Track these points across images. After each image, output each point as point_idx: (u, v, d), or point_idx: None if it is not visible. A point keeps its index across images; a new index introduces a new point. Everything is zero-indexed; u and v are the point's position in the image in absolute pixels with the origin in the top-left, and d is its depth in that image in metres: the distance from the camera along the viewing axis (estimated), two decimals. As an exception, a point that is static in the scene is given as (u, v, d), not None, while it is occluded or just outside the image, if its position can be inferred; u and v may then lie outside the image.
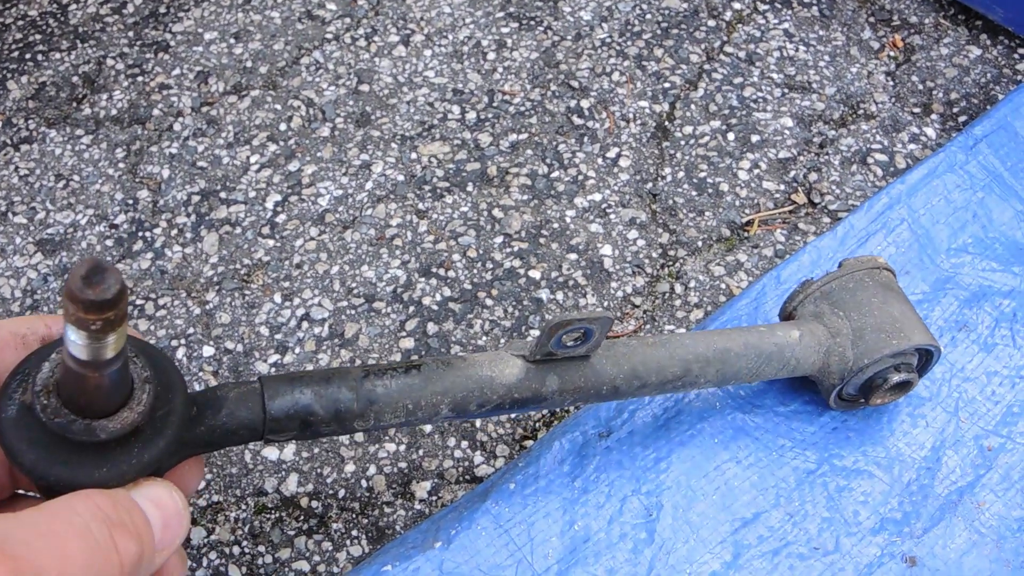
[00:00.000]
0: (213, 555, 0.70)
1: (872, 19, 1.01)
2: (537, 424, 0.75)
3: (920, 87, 0.95)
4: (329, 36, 1.04)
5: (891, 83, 0.96)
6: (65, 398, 0.37)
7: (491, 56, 1.00)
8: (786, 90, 0.95)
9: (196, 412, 0.44)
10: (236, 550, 0.71)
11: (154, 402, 0.39)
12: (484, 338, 0.80)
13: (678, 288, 0.81)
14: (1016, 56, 0.97)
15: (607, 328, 0.55)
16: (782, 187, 0.88)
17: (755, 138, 0.91)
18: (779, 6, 1.02)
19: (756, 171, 0.89)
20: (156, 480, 0.41)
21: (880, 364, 0.65)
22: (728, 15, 1.02)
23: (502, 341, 0.80)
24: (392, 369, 0.53)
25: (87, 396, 0.36)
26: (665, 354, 0.60)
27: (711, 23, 1.02)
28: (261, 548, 0.71)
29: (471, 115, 0.95)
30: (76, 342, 0.32)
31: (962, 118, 0.92)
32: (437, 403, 0.53)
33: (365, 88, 0.99)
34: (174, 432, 0.40)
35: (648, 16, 1.03)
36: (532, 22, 1.03)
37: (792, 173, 0.89)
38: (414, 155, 0.93)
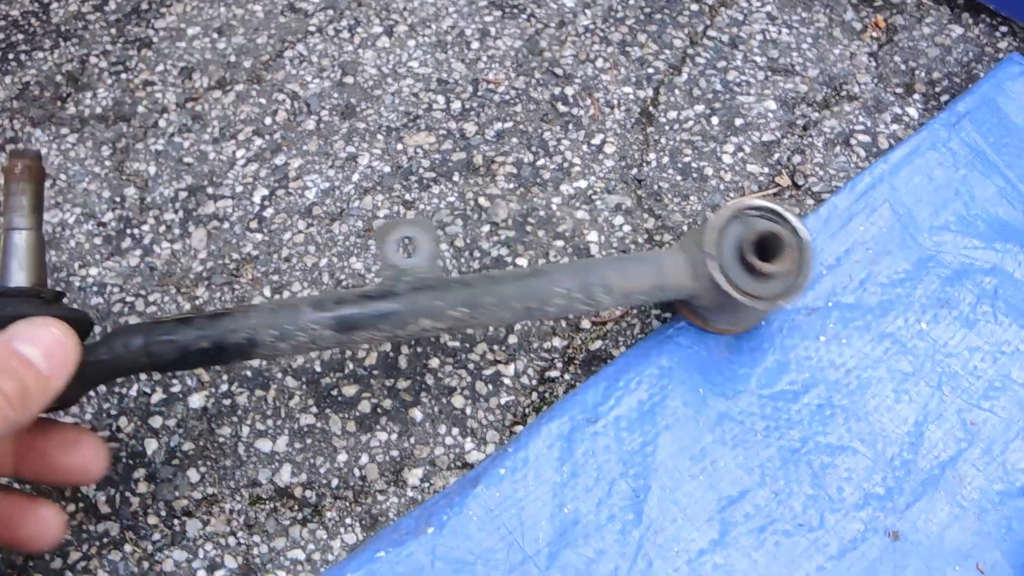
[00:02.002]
0: (209, 546, 0.71)
1: (854, 0, 1.02)
2: (527, 410, 0.75)
3: (902, 67, 0.95)
4: (312, 28, 1.04)
5: (874, 64, 0.96)
6: None
7: (475, 45, 1.01)
8: (769, 73, 0.96)
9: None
10: (232, 541, 0.72)
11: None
12: (471, 329, 0.80)
13: (663, 272, 0.82)
14: (998, 34, 0.97)
15: (431, 231, 0.66)
16: (766, 170, 0.88)
17: (739, 122, 0.92)
18: (761, -11, 1.03)
19: (740, 155, 0.89)
20: (31, 320, 0.53)
21: (734, 225, 0.68)
22: (710, -1, 1.03)
23: (490, 331, 0.80)
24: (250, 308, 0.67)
25: None
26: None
27: (694, 7, 1.02)
28: (256, 538, 0.72)
29: (456, 105, 0.96)
30: None
31: (944, 97, 0.93)
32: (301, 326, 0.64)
33: (349, 80, 0.99)
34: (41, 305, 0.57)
35: (631, 1, 1.03)
36: (515, 10, 1.03)
37: (776, 156, 0.89)
38: (400, 146, 0.93)
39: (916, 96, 0.93)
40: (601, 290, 0.66)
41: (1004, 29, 0.97)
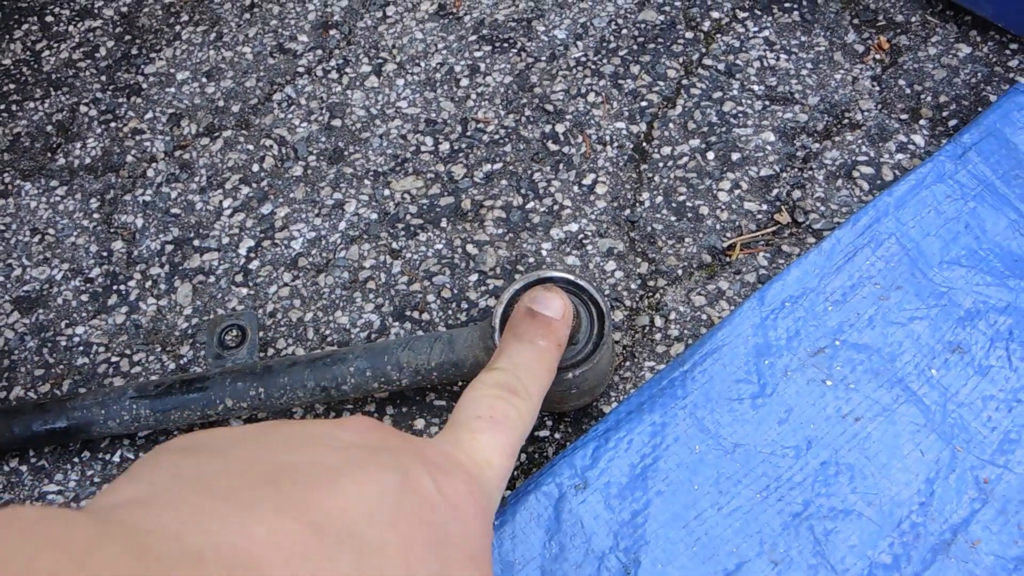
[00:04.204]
0: None
1: (856, 20, 0.98)
2: (515, 473, 0.73)
3: (908, 91, 0.91)
4: (301, 70, 1.02)
5: (877, 88, 0.92)
6: None
7: (464, 83, 0.98)
8: (767, 102, 0.92)
9: None
10: None
11: None
12: (461, 383, 0.78)
13: (658, 321, 0.79)
14: (1007, 52, 0.93)
15: (254, 324, 0.77)
16: (764, 207, 0.85)
17: (736, 156, 0.88)
18: (759, 12, 0.99)
19: (737, 191, 0.86)
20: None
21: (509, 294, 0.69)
22: (707, 25, 0.99)
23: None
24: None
25: None
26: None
27: (689, 35, 0.99)
28: None
29: (444, 146, 0.93)
30: None
31: (952, 122, 0.88)
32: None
33: (337, 123, 0.97)
34: None
35: (624, 31, 1.00)
36: (505, 44, 1.01)
37: (775, 191, 0.86)
38: (387, 191, 0.91)
39: (922, 122, 0.89)
40: (393, 369, 0.71)
41: (1014, 47, 0.92)
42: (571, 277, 0.70)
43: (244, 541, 0.29)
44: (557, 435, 0.74)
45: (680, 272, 0.82)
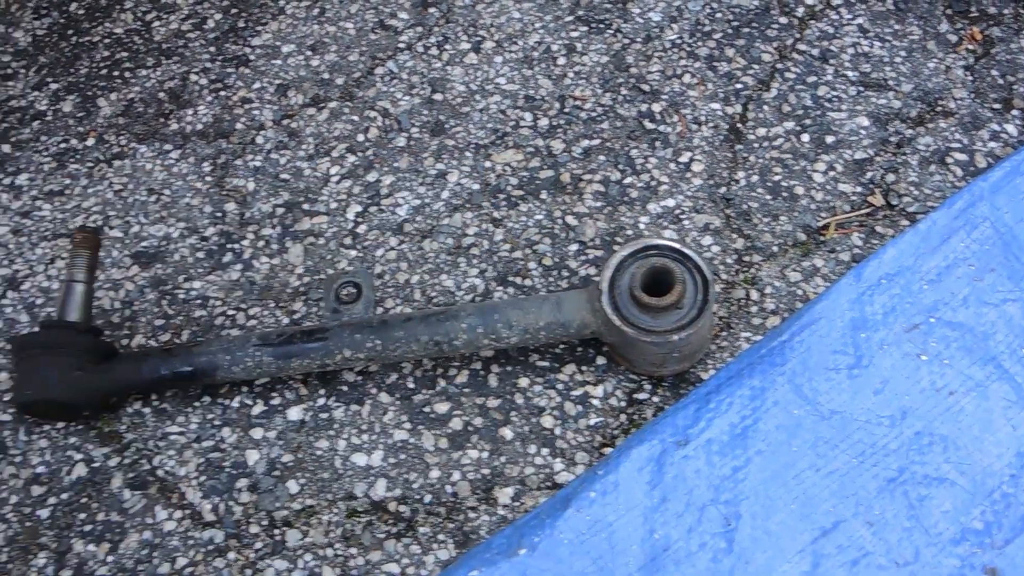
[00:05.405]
0: (308, 557, 0.74)
1: (949, 11, 0.99)
2: (615, 432, 0.76)
3: (1000, 81, 0.93)
4: (402, 45, 1.07)
5: (970, 78, 0.94)
6: None
7: (561, 61, 1.02)
8: (861, 88, 0.94)
9: None
10: (330, 552, 0.74)
11: None
12: (561, 345, 0.82)
13: (754, 294, 0.82)
14: (1104, 46, 0.94)
15: (369, 282, 0.80)
16: (859, 189, 0.87)
17: (830, 139, 0.91)
18: (852, 0, 1.01)
19: (831, 173, 0.88)
20: None
21: (624, 269, 0.72)
22: (800, 11, 1.01)
23: (578, 350, 0.81)
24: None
25: None
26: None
27: (783, 20, 1.01)
28: (353, 551, 0.74)
29: (543, 122, 0.97)
30: None
31: (1046, 112, 0.90)
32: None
33: (439, 97, 1.01)
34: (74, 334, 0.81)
35: (718, 15, 1.02)
36: (601, 25, 1.04)
37: (869, 174, 0.88)
38: (488, 163, 0.95)
39: (1015, 112, 0.90)
40: (503, 326, 0.76)
41: (1112, 41, 0.94)
42: (677, 245, 0.73)
43: None
44: (655, 398, 0.78)
45: (775, 249, 0.85)
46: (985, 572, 0.65)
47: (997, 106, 0.91)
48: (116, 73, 1.10)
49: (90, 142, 1.04)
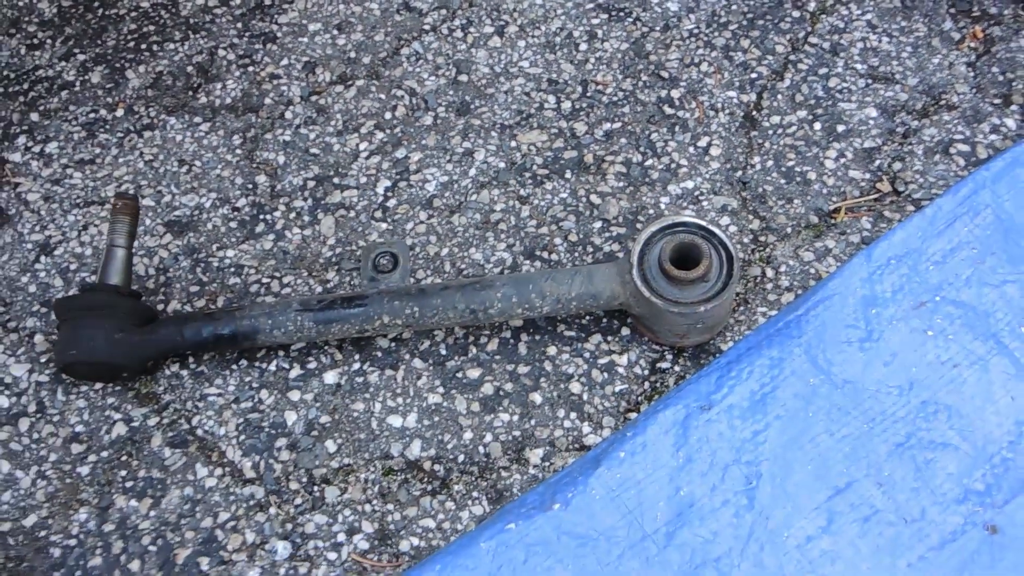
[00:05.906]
0: (347, 512, 0.78)
1: (952, 10, 1.05)
2: (639, 399, 0.81)
3: (1000, 78, 0.98)
4: (426, 27, 1.10)
5: (972, 74, 0.99)
6: None
7: (583, 47, 1.05)
8: (870, 80, 0.99)
9: None
10: (368, 508, 0.78)
11: None
12: (587, 317, 0.86)
13: (769, 272, 0.86)
14: (1097, 46, 0.99)
15: (405, 252, 0.83)
16: (867, 176, 0.92)
17: (840, 128, 0.95)
18: (862, -3, 1.06)
19: (842, 160, 0.93)
20: None
21: (653, 243, 0.77)
22: (812, 6, 1.06)
23: (603, 322, 0.86)
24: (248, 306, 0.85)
25: None
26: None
27: (795, 14, 1.06)
28: (390, 506, 0.78)
29: (566, 104, 1.01)
30: None
31: (1043, 108, 0.95)
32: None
33: (464, 78, 1.05)
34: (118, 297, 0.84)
35: (734, 6, 1.07)
36: (621, 13, 1.08)
37: (877, 162, 0.93)
38: (513, 143, 0.98)
39: (1014, 107, 0.96)
40: (536, 296, 0.79)
41: (1105, 42, 0.99)
42: (703, 223, 0.77)
43: None
44: (677, 367, 0.82)
45: (789, 230, 0.89)
46: (986, 528, 0.70)
47: (997, 101, 0.96)
48: (144, 46, 1.13)
49: (119, 113, 1.06)
